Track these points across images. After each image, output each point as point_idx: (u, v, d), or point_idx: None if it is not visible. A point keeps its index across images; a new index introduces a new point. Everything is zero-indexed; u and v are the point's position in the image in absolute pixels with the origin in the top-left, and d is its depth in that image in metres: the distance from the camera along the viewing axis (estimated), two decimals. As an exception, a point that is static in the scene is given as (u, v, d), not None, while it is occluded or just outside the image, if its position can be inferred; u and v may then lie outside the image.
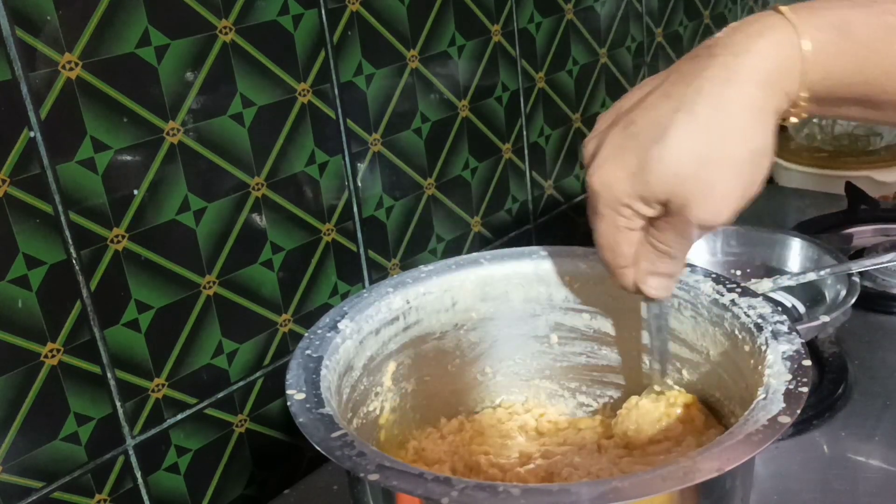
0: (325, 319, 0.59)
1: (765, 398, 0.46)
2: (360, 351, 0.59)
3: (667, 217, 0.49)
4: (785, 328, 0.53)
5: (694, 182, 0.46)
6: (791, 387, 0.47)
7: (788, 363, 0.49)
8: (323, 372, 0.53)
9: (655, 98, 0.47)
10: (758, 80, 0.45)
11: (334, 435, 0.46)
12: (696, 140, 0.45)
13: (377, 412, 0.62)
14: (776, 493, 0.67)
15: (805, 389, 0.47)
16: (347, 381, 0.57)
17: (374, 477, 0.43)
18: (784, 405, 0.45)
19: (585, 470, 0.60)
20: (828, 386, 0.78)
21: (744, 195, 0.47)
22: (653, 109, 0.47)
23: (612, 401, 0.69)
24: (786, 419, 0.44)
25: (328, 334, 0.57)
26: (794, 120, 0.48)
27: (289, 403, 0.50)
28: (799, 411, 0.45)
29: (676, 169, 0.46)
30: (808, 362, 0.49)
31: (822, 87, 0.46)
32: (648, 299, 0.56)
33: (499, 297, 0.66)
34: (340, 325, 0.58)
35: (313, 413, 0.49)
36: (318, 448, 0.46)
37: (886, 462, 0.70)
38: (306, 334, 0.57)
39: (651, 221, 0.50)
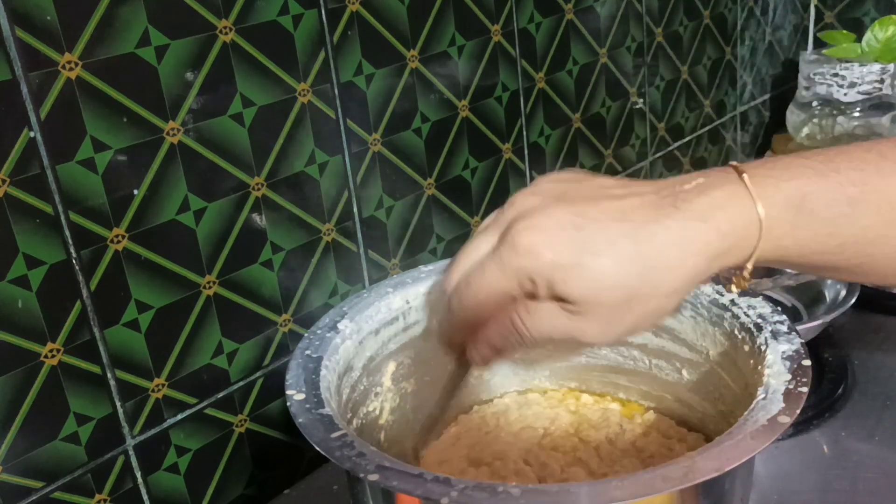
0: (325, 320, 0.59)
1: (764, 398, 0.46)
2: (359, 351, 0.59)
3: (554, 307, 0.47)
4: (784, 328, 0.53)
5: (603, 309, 0.46)
6: (791, 387, 0.47)
7: (788, 363, 0.49)
8: (322, 372, 0.53)
9: (614, 210, 0.46)
10: (706, 253, 0.45)
11: (334, 435, 0.46)
12: (631, 275, 0.45)
13: (377, 412, 0.62)
14: (776, 493, 0.68)
15: (805, 389, 0.47)
16: (347, 381, 0.57)
17: (373, 477, 0.43)
18: (784, 405, 0.45)
19: (585, 471, 0.60)
20: (828, 386, 0.78)
21: (628, 336, 0.49)
22: (608, 220, 0.46)
23: (611, 401, 0.69)
24: (785, 419, 0.44)
25: (328, 334, 0.57)
26: (734, 289, 0.49)
27: (288, 404, 0.50)
28: (799, 411, 0.45)
29: (601, 288, 0.45)
30: (807, 362, 0.49)
31: (772, 257, 0.46)
32: (462, 364, 0.55)
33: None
34: (340, 326, 0.58)
35: (313, 413, 0.49)
36: (318, 448, 0.46)
37: (886, 462, 0.70)
38: (306, 334, 0.57)
39: (527, 299, 0.48)
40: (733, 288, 0.49)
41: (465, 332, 0.52)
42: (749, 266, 0.46)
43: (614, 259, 0.45)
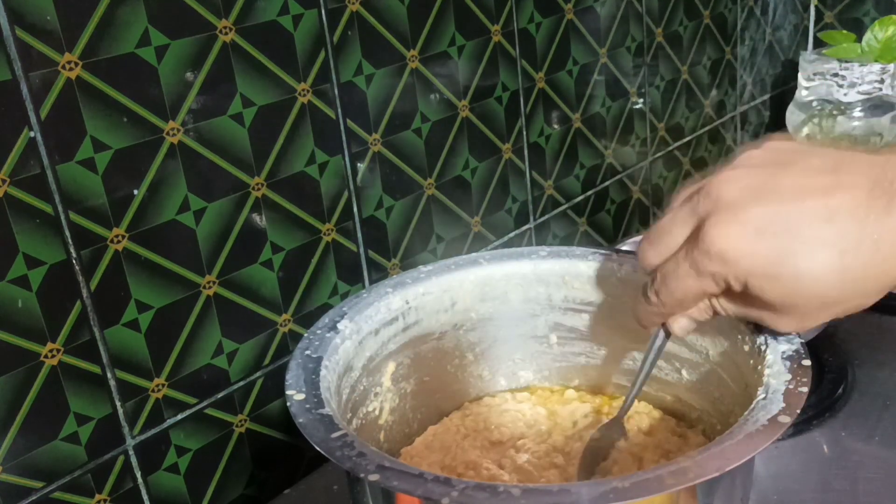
0: (325, 320, 0.59)
1: (764, 398, 0.46)
2: (359, 351, 0.59)
3: (744, 300, 0.47)
4: (784, 328, 0.53)
5: (799, 310, 0.45)
6: (791, 386, 0.47)
7: (788, 363, 0.49)
8: (322, 372, 0.53)
9: (819, 211, 0.43)
10: None
11: (334, 435, 0.46)
12: (830, 289, 0.43)
13: (377, 413, 0.62)
14: (776, 493, 0.67)
15: (805, 389, 0.47)
16: (347, 381, 0.57)
17: (374, 477, 0.43)
18: (784, 405, 0.45)
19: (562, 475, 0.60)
20: (828, 386, 0.78)
21: (820, 325, 0.48)
22: (809, 223, 0.43)
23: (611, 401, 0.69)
24: (786, 419, 0.44)
25: (327, 335, 0.57)
26: None
27: (288, 404, 0.50)
28: (799, 411, 0.45)
29: (796, 295, 0.44)
30: (807, 362, 0.49)
31: None
32: (667, 333, 0.55)
33: (498, 297, 0.66)
34: (340, 326, 0.58)
35: (313, 413, 0.49)
36: (318, 448, 0.46)
37: (886, 462, 0.70)
38: (305, 335, 0.57)
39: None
40: None
41: (661, 318, 0.53)
42: None
43: (814, 271, 0.43)
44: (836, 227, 0.43)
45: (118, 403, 0.67)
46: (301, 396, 0.50)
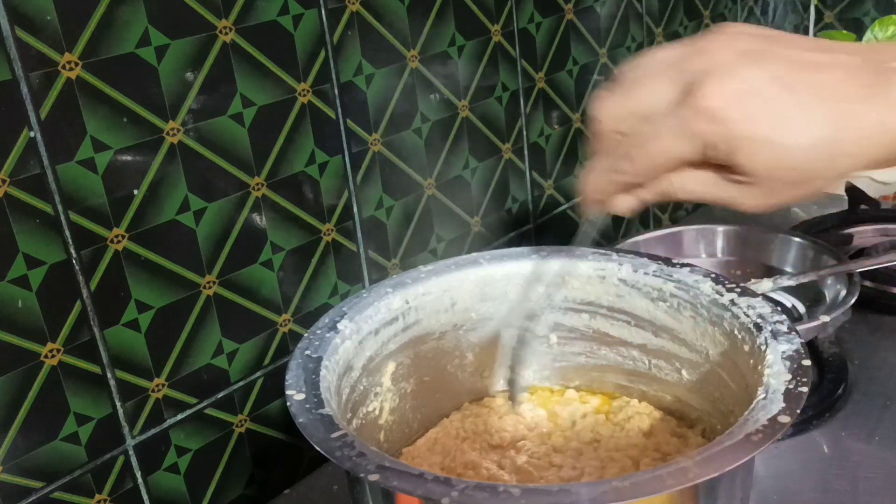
0: (325, 320, 0.59)
1: (764, 398, 0.46)
2: (359, 351, 0.59)
3: (714, 172, 0.44)
4: (784, 328, 0.53)
5: (776, 183, 0.43)
6: (791, 386, 0.47)
7: (788, 363, 0.49)
8: (322, 372, 0.53)
9: (817, 86, 0.42)
10: None
11: (334, 435, 0.46)
12: (815, 164, 0.42)
13: (376, 412, 0.62)
14: (776, 493, 0.67)
15: (805, 389, 0.47)
16: (347, 381, 0.57)
17: (374, 477, 0.43)
18: (784, 405, 0.45)
19: (579, 470, 0.60)
20: (828, 386, 0.78)
21: (781, 206, 0.45)
22: (809, 94, 0.41)
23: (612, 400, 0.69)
24: (786, 419, 0.44)
25: (327, 335, 0.57)
26: None
27: (288, 404, 0.50)
28: (799, 411, 0.45)
29: (780, 166, 0.42)
30: (807, 362, 0.49)
31: None
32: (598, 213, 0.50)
33: (498, 297, 0.66)
34: (340, 326, 0.58)
35: (313, 413, 0.49)
36: (318, 448, 0.46)
37: (886, 462, 0.70)
38: (305, 335, 0.57)
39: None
40: None
41: (617, 191, 0.48)
42: None
43: (808, 142, 0.41)
44: (834, 101, 0.41)
45: (118, 403, 0.67)
46: (301, 396, 0.50)
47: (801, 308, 0.88)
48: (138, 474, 0.70)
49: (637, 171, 0.46)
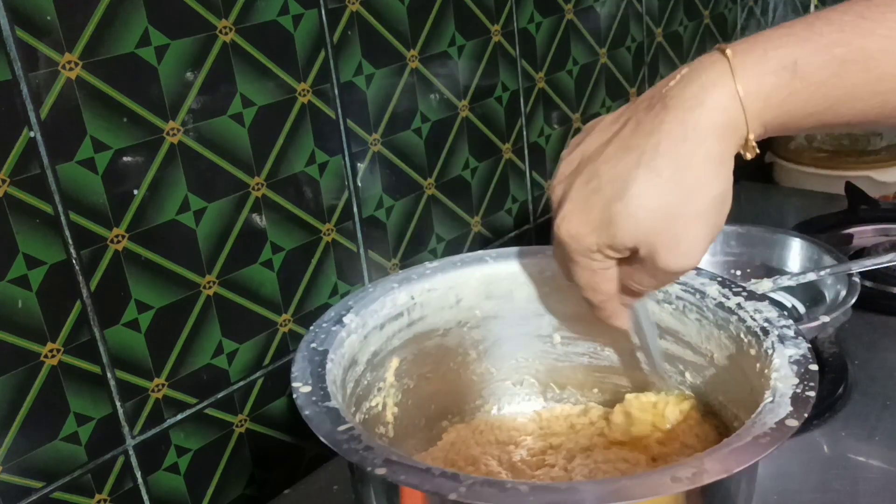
0: (331, 313, 0.59)
1: (772, 401, 0.46)
2: (364, 346, 0.59)
3: (638, 260, 0.50)
4: (791, 332, 0.53)
5: (660, 235, 0.47)
6: (798, 391, 0.47)
7: (795, 367, 0.49)
8: (328, 365, 0.53)
9: (616, 150, 0.48)
10: (713, 133, 0.46)
11: (341, 428, 0.46)
12: (659, 196, 0.46)
13: (379, 408, 0.62)
14: (776, 493, 0.67)
15: (812, 394, 0.47)
16: (351, 375, 0.57)
17: (381, 471, 0.42)
18: (791, 409, 0.45)
19: (585, 469, 0.60)
20: (828, 386, 0.78)
21: (710, 238, 0.49)
22: (614, 164, 0.47)
23: (614, 401, 0.69)
24: (793, 423, 0.44)
25: (333, 328, 0.57)
26: (748, 155, 0.49)
27: (294, 396, 0.49)
28: (806, 415, 0.45)
29: (641, 224, 0.47)
30: (815, 367, 0.49)
31: (776, 125, 0.47)
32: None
33: (503, 295, 0.66)
34: (345, 319, 0.58)
35: (319, 406, 0.48)
36: (325, 441, 0.45)
37: (886, 462, 0.70)
38: (311, 327, 0.57)
39: (625, 260, 0.51)
40: (747, 155, 0.49)
41: (613, 304, 0.55)
42: (751, 137, 0.47)
43: (635, 192, 0.46)
44: (635, 149, 0.47)
45: (118, 403, 0.67)
46: (307, 388, 0.50)
47: (801, 308, 0.88)
48: (138, 474, 0.69)
49: (583, 292, 0.54)
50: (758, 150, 0.48)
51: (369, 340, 0.60)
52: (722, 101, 0.46)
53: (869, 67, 0.45)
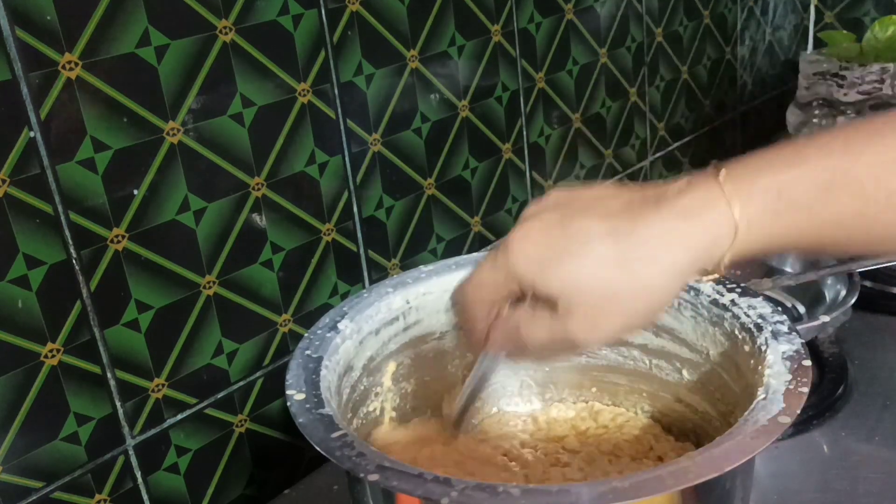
0: (325, 319, 0.59)
1: (765, 398, 0.46)
2: (359, 351, 0.59)
3: (548, 311, 0.49)
4: (785, 328, 0.53)
5: (587, 304, 0.48)
6: (791, 387, 0.47)
7: (788, 363, 0.49)
8: (323, 372, 0.53)
9: (599, 212, 0.49)
10: (689, 248, 0.47)
11: (334, 435, 0.46)
12: (609, 272, 0.47)
13: (377, 412, 0.62)
14: (776, 493, 0.68)
15: (805, 389, 0.47)
16: (347, 381, 0.57)
17: (373, 477, 0.43)
18: (784, 405, 0.45)
19: (583, 472, 0.60)
20: (828, 386, 0.78)
21: (623, 333, 0.50)
22: (590, 221, 0.48)
23: (612, 401, 0.69)
24: (786, 419, 0.44)
25: (328, 334, 0.57)
26: (704, 279, 0.51)
27: (288, 404, 0.50)
28: (799, 411, 0.45)
29: (579, 287, 0.47)
30: (808, 362, 0.49)
31: (758, 248, 0.48)
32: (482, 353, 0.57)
33: (499, 297, 0.66)
34: (340, 326, 0.58)
35: (313, 413, 0.49)
36: (318, 448, 0.46)
37: (886, 462, 0.70)
38: (306, 334, 0.57)
39: (531, 308, 0.51)
40: (704, 279, 0.51)
41: (476, 324, 0.55)
42: (726, 260, 0.47)
43: (592, 254, 0.47)
44: (612, 220, 0.48)
45: (118, 403, 0.67)
46: (301, 396, 0.50)
47: (801, 308, 0.88)
48: (138, 474, 0.70)
49: (466, 301, 0.55)
50: (720, 273, 0.49)
51: (365, 346, 0.60)
52: (709, 224, 0.46)
53: (854, 193, 0.46)
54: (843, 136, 0.47)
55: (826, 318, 0.77)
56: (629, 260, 0.47)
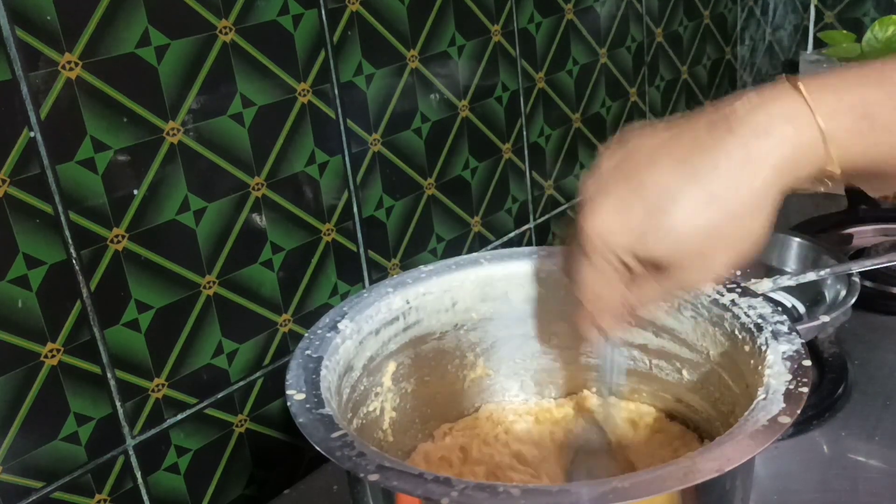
0: (325, 320, 0.59)
1: (765, 398, 0.46)
2: (359, 351, 0.59)
3: (653, 273, 0.49)
4: (785, 328, 0.53)
5: (695, 255, 0.47)
6: (791, 387, 0.47)
7: (788, 363, 0.49)
8: (323, 372, 0.53)
9: (668, 159, 0.46)
10: (774, 166, 0.45)
11: (334, 435, 0.46)
12: (707, 217, 0.45)
13: (377, 412, 0.62)
14: (776, 493, 0.67)
15: (805, 390, 0.47)
16: (347, 381, 0.57)
17: (374, 477, 0.43)
18: (784, 405, 0.45)
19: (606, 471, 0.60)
20: (828, 386, 0.78)
21: (736, 266, 0.48)
22: (665, 174, 0.46)
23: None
24: (786, 419, 0.44)
25: (328, 334, 0.57)
26: (821, 188, 0.48)
27: (289, 404, 0.50)
28: (799, 411, 0.45)
29: (682, 240, 0.46)
30: (808, 362, 0.49)
31: (845, 165, 0.46)
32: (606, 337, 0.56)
33: (499, 297, 0.66)
34: (340, 326, 0.58)
35: (313, 413, 0.49)
36: (318, 448, 0.46)
37: (886, 462, 0.70)
38: (306, 334, 0.57)
39: (630, 276, 0.50)
40: (820, 188, 0.48)
41: (593, 322, 0.53)
42: (831, 168, 0.45)
43: (683, 207, 0.45)
44: (688, 163, 0.45)
45: (118, 403, 0.67)
46: (301, 396, 0.50)
47: (801, 308, 0.88)
48: (138, 474, 0.70)
49: (588, 304, 0.52)
50: (829, 184, 0.47)
51: (365, 346, 0.60)
52: (790, 137, 0.45)
53: None
54: None
55: (826, 318, 0.77)
56: (720, 197, 0.45)
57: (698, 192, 0.45)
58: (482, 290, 0.66)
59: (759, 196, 0.45)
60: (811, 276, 0.84)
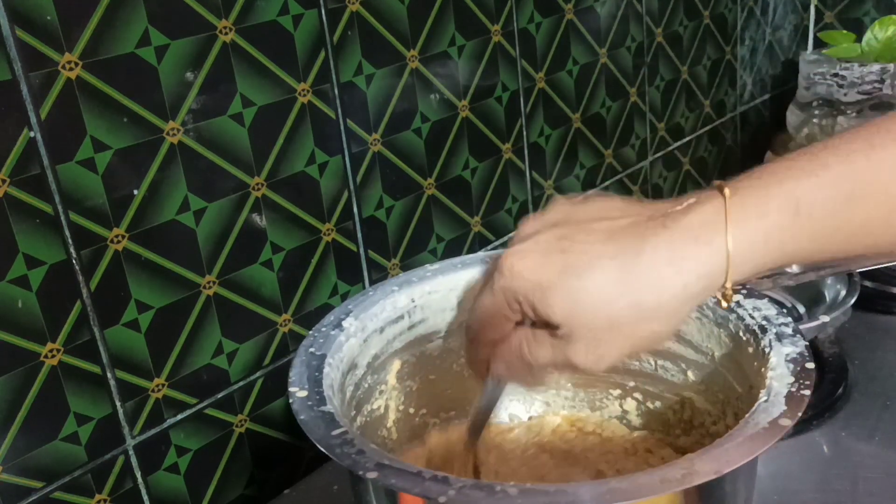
0: (330, 317, 0.59)
1: (766, 400, 0.46)
2: (364, 349, 0.59)
3: (549, 335, 0.47)
4: (789, 330, 0.53)
5: (589, 331, 0.45)
6: (793, 389, 0.47)
7: (791, 365, 0.49)
8: (326, 370, 0.53)
9: (602, 232, 0.46)
10: (697, 271, 0.44)
11: (334, 433, 0.46)
12: (613, 298, 0.44)
13: (382, 410, 0.62)
14: (776, 493, 0.68)
15: (807, 392, 0.46)
16: (351, 379, 0.57)
17: (372, 475, 0.43)
18: (785, 408, 0.45)
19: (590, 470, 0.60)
20: (828, 386, 0.78)
21: (625, 358, 0.47)
22: (593, 242, 0.45)
23: (616, 400, 0.69)
24: (786, 422, 0.44)
25: (332, 332, 0.57)
26: (723, 304, 0.48)
27: (290, 401, 0.50)
28: (800, 414, 0.45)
29: (580, 311, 0.45)
30: (811, 365, 0.49)
31: (776, 265, 0.45)
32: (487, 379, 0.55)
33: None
34: (345, 323, 0.58)
35: (314, 410, 0.48)
36: (318, 445, 0.46)
37: (886, 462, 0.70)
38: (310, 332, 0.57)
39: (532, 329, 0.49)
40: (722, 303, 0.47)
41: (479, 352, 0.53)
42: (728, 286, 0.45)
43: (595, 279, 0.44)
44: (617, 242, 0.45)
45: (118, 403, 0.67)
46: (303, 393, 0.50)
47: (801, 308, 0.88)
48: (138, 474, 0.70)
49: (471, 328, 0.52)
50: (735, 300, 0.47)
51: (369, 344, 0.60)
52: (715, 244, 0.43)
53: (880, 202, 0.43)
54: (862, 138, 0.44)
55: (826, 318, 0.77)
56: (635, 287, 0.44)
57: (614, 272, 0.44)
58: (487, 289, 0.66)
59: (676, 300, 0.44)
60: (811, 276, 0.84)
